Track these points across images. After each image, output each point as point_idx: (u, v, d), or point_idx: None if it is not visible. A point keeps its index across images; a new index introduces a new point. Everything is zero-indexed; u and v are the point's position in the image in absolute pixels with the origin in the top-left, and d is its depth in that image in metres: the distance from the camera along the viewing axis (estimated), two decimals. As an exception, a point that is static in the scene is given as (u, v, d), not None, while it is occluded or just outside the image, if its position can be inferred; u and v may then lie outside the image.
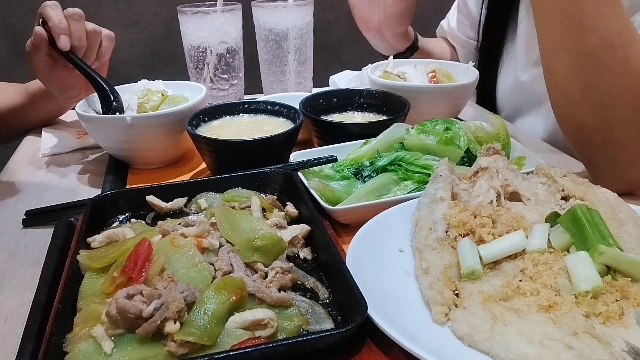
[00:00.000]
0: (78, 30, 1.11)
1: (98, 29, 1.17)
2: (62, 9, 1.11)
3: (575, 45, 0.87)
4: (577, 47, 0.86)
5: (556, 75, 0.92)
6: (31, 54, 1.11)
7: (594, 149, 0.94)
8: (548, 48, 0.92)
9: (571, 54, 0.87)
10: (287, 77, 1.42)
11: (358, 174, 0.95)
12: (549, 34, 0.90)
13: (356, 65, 1.49)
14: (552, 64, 0.92)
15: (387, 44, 1.59)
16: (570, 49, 0.87)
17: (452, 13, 1.73)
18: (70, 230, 0.83)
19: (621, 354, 0.55)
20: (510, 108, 1.53)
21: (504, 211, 0.76)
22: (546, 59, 0.94)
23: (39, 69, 1.14)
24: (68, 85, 1.19)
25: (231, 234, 0.74)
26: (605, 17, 0.84)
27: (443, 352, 0.57)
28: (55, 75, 1.16)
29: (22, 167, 1.19)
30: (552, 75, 0.93)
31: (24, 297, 0.74)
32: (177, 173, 1.12)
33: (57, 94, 1.21)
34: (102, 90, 1.12)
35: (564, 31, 0.87)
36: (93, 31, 1.16)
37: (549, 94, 0.96)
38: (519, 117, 1.50)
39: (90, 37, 1.15)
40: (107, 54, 1.22)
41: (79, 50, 1.13)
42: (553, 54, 0.91)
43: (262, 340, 0.58)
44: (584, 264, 0.64)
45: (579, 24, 0.85)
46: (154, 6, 2.50)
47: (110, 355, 0.56)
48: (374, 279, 0.67)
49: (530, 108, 1.43)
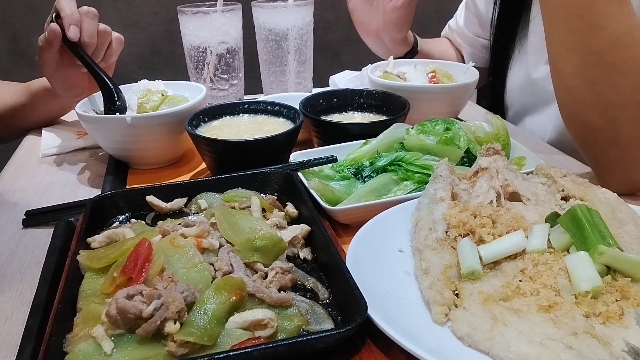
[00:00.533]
0: (90, 28, 1.12)
1: (109, 30, 1.19)
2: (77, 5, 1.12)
3: (584, 44, 0.87)
4: (586, 47, 0.86)
5: (563, 74, 0.92)
6: (42, 49, 1.12)
7: (600, 149, 0.93)
8: (556, 47, 0.92)
9: (579, 53, 0.87)
10: (287, 77, 1.42)
11: (358, 174, 0.95)
12: (558, 33, 0.90)
13: (356, 66, 1.49)
14: (560, 63, 0.92)
15: (385, 49, 1.60)
16: (578, 48, 0.87)
17: (460, 11, 1.73)
18: (70, 230, 0.83)
19: (621, 354, 0.55)
20: (519, 105, 1.52)
21: (503, 211, 0.76)
22: (554, 58, 0.93)
23: (47, 65, 1.14)
24: (72, 83, 1.20)
25: (231, 234, 0.74)
26: (614, 16, 0.84)
27: (443, 352, 0.57)
28: (61, 73, 1.17)
29: (22, 167, 1.19)
30: (559, 75, 0.93)
31: (24, 297, 0.74)
32: (177, 173, 1.12)
33: (61, 91, 1.21)
34: (107, 89, 1.13)
35: (574, 30, 0.87)
36: (104, 31, 1.17)
37: (556, 93, 0.96)
38: (528, 115, 1.49)
39: (101, 37, 1.16)
40: (114, 55, 1.23)
41: (89, 47, 1.14)
42: (561, 53, 0.91)
43: (262, 340, 0.58)
44: (584, 264, 0.64)
45: (589, 23, 0.85)
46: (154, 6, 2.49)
47: (110, 355, 0.56)
48: (374, 279, 0.67)
49: (541, 106, 1.42)
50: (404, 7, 1.47)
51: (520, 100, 1.51)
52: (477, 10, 1.63)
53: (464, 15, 1.70)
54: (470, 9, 1.66)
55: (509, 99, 1.56)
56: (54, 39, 1.09)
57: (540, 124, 1.43)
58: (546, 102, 1.40)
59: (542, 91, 1.39)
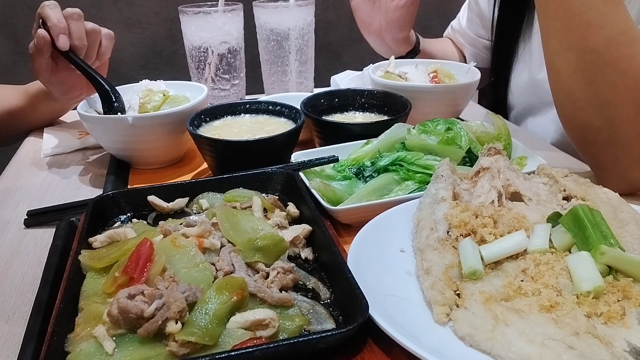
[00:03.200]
0: (78, 30, 1.11)
1: (97, 28, 1.17)
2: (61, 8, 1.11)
3: (581, 43, 0.87)
4: (584, 46, 0.87)
5: (561, 74, 0.92)
6: (34, 56, 1.11)
7: (598, 149, 0.93)
8: (554, 47, 0.92)
9: (577, 53, 0.88)
10: (289, 77, 1.42)
11: (359, 174, 0.95)
12: (555, 33, 0.90)
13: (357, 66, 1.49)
14: (558, 63, 0.92)
15: (387, 48, 1.59)
16: (576, 48, 0.88)
17: (463, 11, 1.73)
18: (72, 230, 0.83)
19: (623, 354, 0.55)
20: (522, 106, 1.52)
21: (505, 211, 0.76)
22: (551, 59, 0.94)
23: (41, 72, 1.14)
24: (69, 86, 1.19)
25: (232, 234, 0.74)
26: (611, 14, 0.85)
27: (444, 352, 0.57)
28: (57, 77, 1.16)
29: (23, 167, 1.19)
30: (556, 75, 0.93)
31: (26, 297, 0.75)
32: (179, 173, 1.12)
33: (59, 95, 1.21)
34: (103, 91, 1.12)
35: (571, 29, 0.87)
36: (92, 30, 1.15)
37: (553, 94, 0.96)
38: (530, 116, 1.49)
39: (90, 37, 1.14)
40: (107, 53, 1.22)
41: (80, 50, 1.12)
42: (559, 53, 0.91)
43: (263, 340, 0.58)
44: (586, 264, 0.64)
45: (587, 22, 0.85)
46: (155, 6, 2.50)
47: (112, 355, 0.56)
48: (376, 279, 0.67)
49: (543, 107, 1.42)
50: (406, 6, 1.47)
51: (523, 101, 1.51)
52: (479, 10, 1.63)
53: (466, 16, 1.70)
54: (472, 9, 1.66)
55: (512, 99, 1.56)
56: (43, 45, 1.08)
57: (543, 125, 1.43)
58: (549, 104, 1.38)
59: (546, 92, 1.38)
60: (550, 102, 1.38)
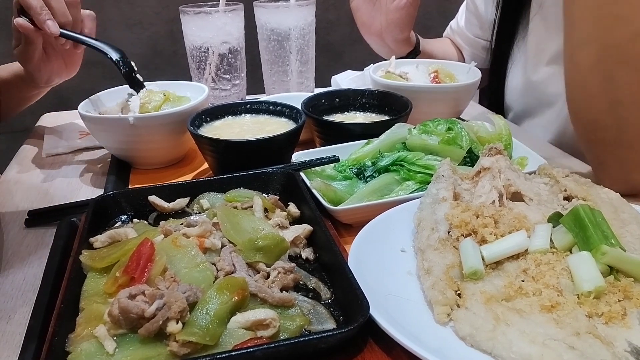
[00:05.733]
0: (59, 7, 1.09)
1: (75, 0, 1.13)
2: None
3: (605, 36, 0.86)
4: (607, 39, 0.85)
5: (579, 67, 0.90)
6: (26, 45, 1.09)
7: (603, 148, 0.93)
8: (575, 38, 0.90)
9: (599, 46, 0.86)
10: (289, 77, 1.43)
11: (360, 174, 0.95)
12: (579, 23, 0.89)
13: (358, 66, 1.49)
14: (577, 55, 0.90)
15: (388, 49, 1.59)
16: (599, 40, 0.86)
17: (461, 12, 1.73)
18: (73, 230, 0.83)
19: (624, 355, 0.55)
20: (519, 108, 1.52)
21: (506, 211, 0.76)
22: (571, 51, 0.92)
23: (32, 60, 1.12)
24: (53, 72, 1.19)
25: (233, 234, 0.74)
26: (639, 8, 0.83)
27: (445, 352, 0.57)
28: (46, 65, 1.16)
29: (24, 167, 1.19)
30: (574, 67, 0.92)
31: (27, 297, 0.75)
32: (180, 173, 1.12)
33: (43, 83, 1.21)
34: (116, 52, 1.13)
35: (596, 21, 0.86)
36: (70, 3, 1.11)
37: (567, 87, 0.95)
38: (527, 118, 1.49)
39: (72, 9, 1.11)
40: (92, 34, 1.20)
41: (67, 25, 1.11)
42: (580, 45, 0.89)
43: (264, 340, 0.58)
44: (587, 264, 0.64)
45: (615, 15, 0.84)
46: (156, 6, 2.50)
47: (113, 355, 0.56)
48: (376, 279, 0.67)
49: (540, 108, 1.42)
50: (406, 7, 1.48)
51: (520, 103, 1.51)
52: (477, 11, 1.63)
53: (464, 17, 1.70)
54: (470, 10, 1.66)
55: (509, 101, 1.56)
56: (34, 35, 1.07)
57: (540, 126, 1.42)
58: (546, 105, 1.39)
59: (542, 94, 1.38)
60: (546, 103, 1.38)
